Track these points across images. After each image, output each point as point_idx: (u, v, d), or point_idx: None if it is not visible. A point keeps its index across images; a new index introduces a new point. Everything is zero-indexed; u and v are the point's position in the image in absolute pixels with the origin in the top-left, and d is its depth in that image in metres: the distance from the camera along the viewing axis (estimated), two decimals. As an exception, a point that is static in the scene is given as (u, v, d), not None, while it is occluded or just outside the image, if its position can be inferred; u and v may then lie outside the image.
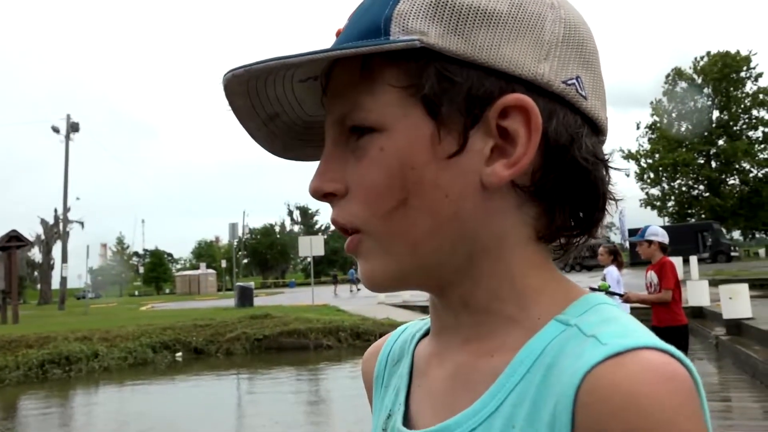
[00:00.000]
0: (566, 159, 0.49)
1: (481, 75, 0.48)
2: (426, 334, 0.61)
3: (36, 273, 47.68)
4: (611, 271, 7.46)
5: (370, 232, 0.51)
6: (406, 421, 0.56)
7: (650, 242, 5.74)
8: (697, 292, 13.07)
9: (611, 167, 0.52)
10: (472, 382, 0.51)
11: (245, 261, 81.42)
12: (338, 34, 0.53)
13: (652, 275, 5.74)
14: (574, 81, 0.50)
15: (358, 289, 33.68)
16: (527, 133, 0.48)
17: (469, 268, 0.51)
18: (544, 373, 0.45)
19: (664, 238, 5.71)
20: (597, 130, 0.52)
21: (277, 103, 0.54)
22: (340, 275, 47.35)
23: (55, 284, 41.77)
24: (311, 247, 23.33)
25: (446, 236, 0.50)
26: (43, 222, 44.50)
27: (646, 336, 0.43)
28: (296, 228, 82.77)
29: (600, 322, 0.46)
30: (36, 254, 46.54)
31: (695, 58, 47.44)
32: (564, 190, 0.50)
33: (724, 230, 40.80)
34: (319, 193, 0.53)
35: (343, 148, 0.52)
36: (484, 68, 0.48)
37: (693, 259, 22.53)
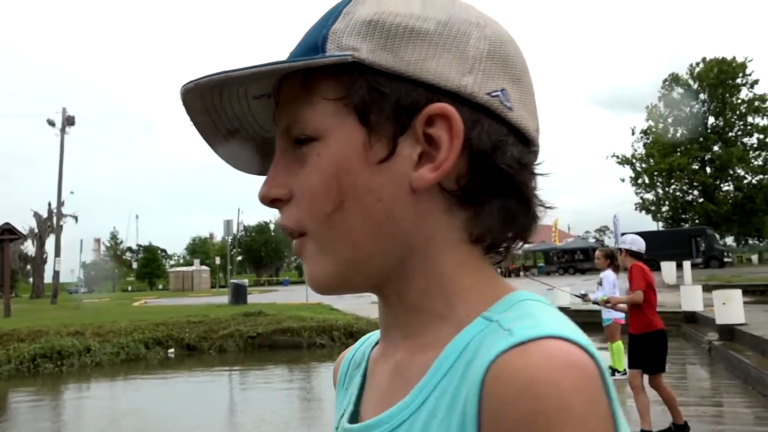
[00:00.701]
0: (489, 164, 0.52)
1: (409, 87, 0.51)
2: None
3: (29, 267, 47.43)
4: (608, 274, 7.47)
5: (313, 235, 0.55)
6: (357, 418, 0.59)
7: (620, 250, 5.86)
8: (690, 297, 13.13)
9: (537, 173, 0.55)
10: (407, 377, 0.54)
11: (239, 258, 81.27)
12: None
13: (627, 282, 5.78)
14: (499, 93, 0.53)
15: None
16: (449, 139, 0.51)
17: (402, 268, 0.54)
18: (465, 366, 0.48)
19: (632, 245, 5.73)
20: (526, 140, 0.55)
21: (236, 119, 0.57)
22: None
23: (48, 278, 41.59)
24: (306, 246, 23.25)
25: (380, 238, 0.53)
26: (37, 215, 44.21)
27: (557, 327, 0.44)
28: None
29: (518, 317, 0.48)
30: (29, 248, 46.35)
31: (691, 64, 47.65)
32: (490, 195, 0.53)
33: (717, 236, 40.97)
34: (266, 199, 0.56)
35: (289, 156, 0.56)
36: (412, 81, 0.51)
37: (686, 264, 22.60)
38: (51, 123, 38.83)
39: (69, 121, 39.07)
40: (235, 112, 0.57)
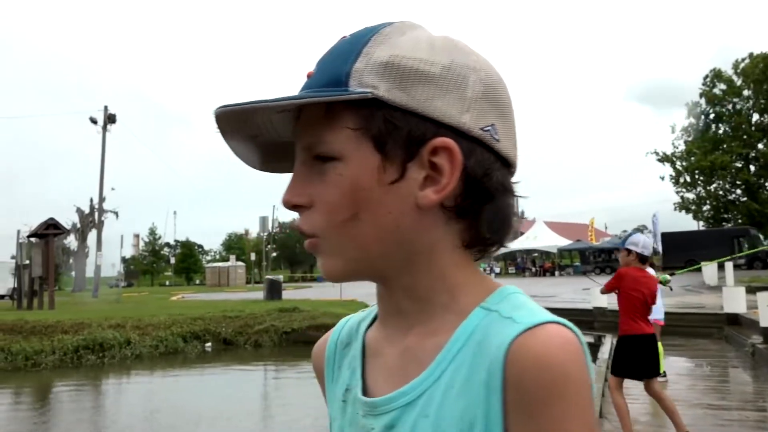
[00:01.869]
0: (480, 187, 0.63)
1: (418, 121, 0.62)
2: (372, 322, 0.75)
3: (71, 260, 48.71)
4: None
5: (326, 237, 0.65)
6: (365, 393, 0.69)
7: (629, 251, 5.46)
8: (733, 299, 12.78)
9: (516, 195, 0.67)
10: (420, 358, 0.65)
11: (274, 254, 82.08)
12: (309, 75, 0.66)
13: None
14: (490, 128, 0.64)
15: None
16: (451, 168, 0.62)
17: (408, 267, 0.65)
18: (476, 347, 0.60)
19: (644, 249, 5.38)
20: (508, 164, 0.66)
21: (257, 127, 0.66)
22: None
23: (89, 272, 42.64)
24: (340, 243, 23.36)
25: (388, 243, 0.64)
26: (79, 211, 45.34)
27: (547, 315, 0.59)
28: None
29: (513, 308, 0.61)
30: (72, 242, 47.60)
31: (736, 60, 46.24)
32: (479, 210, 0.64)
33: (761, 236, 39.79)
34: (289, 204, 0.66)
35: (309, 168, 0.65)
36: (420, 116, 0.62)
37: (728, 265, 21.99)
38: (93, 121, 39.80)
39: (110, 119, 39.98)
40: (257, 121, 0.65)
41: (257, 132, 0.67)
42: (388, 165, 0.62)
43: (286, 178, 0.68)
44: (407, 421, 0.63)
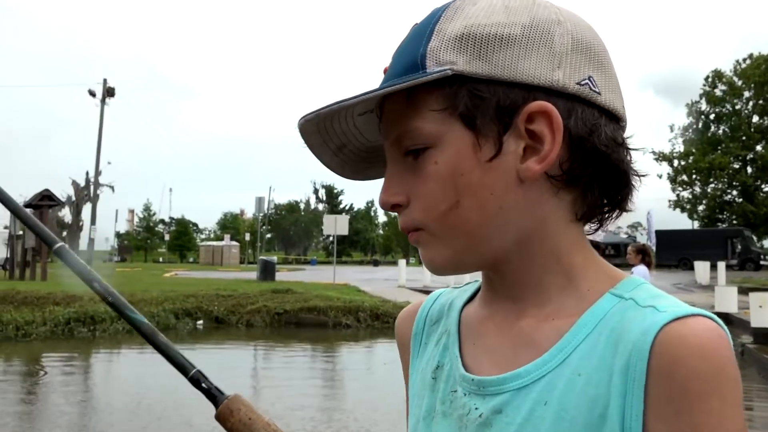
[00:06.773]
0: (588, 148, 0.58)
1: (506, 89, 0.57)
2: (469, 300, 0.71)
3: (65, 233, 48.59)
4: (639, 269, 7.39)
5: (428, 229, 0.61)
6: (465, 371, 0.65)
7: None
8: (724, 298, 12.89)
9: (630, 148, 0.62)
10: (536, 341, 0.60)
11: (268, 236, 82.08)
12: (385, 71, 0.64)
13: None
14: (587, 81, 0.59)
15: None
16: (551, 133, 0.57)
17: (519, 249, 0.61)
18: (609, 334, 0.56)
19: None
20: (616, 118, 0.61)
21: (343, 135, 0.65)
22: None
23: (83, 245, 42.58)
24: (335, 226, 23.41)
25: (494, 226, 0.59)
26: (75, 184, 45.14)
27: (690, 307, 0.54)
28: (321, 206, 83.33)
29: (651, 297, 0.56)
30: (66, 215, 47.46)
31: (737, 61, 46.24)
32: (591, 174, 0.59)
33: (755, 238, 39.98)
34: (387, 205, 0.63)
35: (400, 165, 0.62)
36: (507, 83, 0.57)
37: (720, 265, 22.16)
38: (92, 93, 39.51)
39: (109, 92, 39.69)
40: (342, 129, 0.64)
41: (344, 141, 0.65)
42: (483, 141, 0.58)
43: (289, 162, 0.64)
44: (520, 407, 0.58)
